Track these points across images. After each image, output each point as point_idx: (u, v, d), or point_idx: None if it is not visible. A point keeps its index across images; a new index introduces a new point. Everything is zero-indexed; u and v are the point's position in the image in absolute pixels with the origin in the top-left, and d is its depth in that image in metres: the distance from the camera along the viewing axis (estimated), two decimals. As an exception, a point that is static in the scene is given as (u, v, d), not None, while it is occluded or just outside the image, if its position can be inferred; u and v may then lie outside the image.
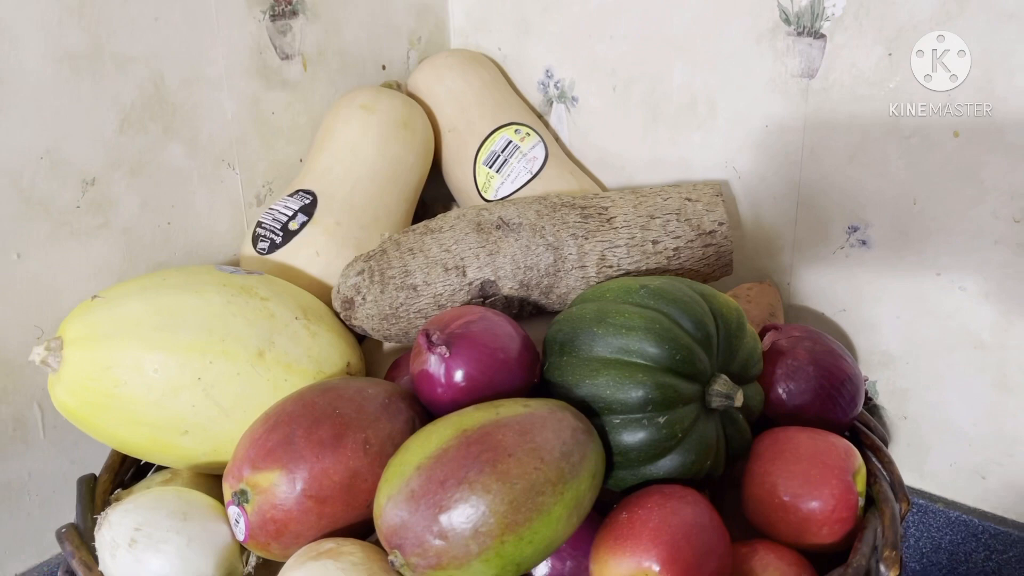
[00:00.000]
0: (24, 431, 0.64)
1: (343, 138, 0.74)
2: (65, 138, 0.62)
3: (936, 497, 0.71)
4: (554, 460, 0.48)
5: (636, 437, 0.52)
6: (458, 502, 0.46)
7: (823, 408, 0.60)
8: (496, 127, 0.79)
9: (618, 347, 0.54)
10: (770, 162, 0.72)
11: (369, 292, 0.63)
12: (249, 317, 0.58)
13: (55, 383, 0.57)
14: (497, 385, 0.54)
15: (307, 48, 0.77)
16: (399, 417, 0.54)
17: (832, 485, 0.53)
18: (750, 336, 0.58)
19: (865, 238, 0.69)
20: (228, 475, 0.52)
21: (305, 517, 0.50)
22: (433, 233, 0.64)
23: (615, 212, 0.64)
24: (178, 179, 0.70)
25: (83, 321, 0.56)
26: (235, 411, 0.57)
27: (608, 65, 0.79)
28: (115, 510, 0.52)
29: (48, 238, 0.62)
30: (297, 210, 0.70)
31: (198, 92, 0.69)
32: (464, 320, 0.55)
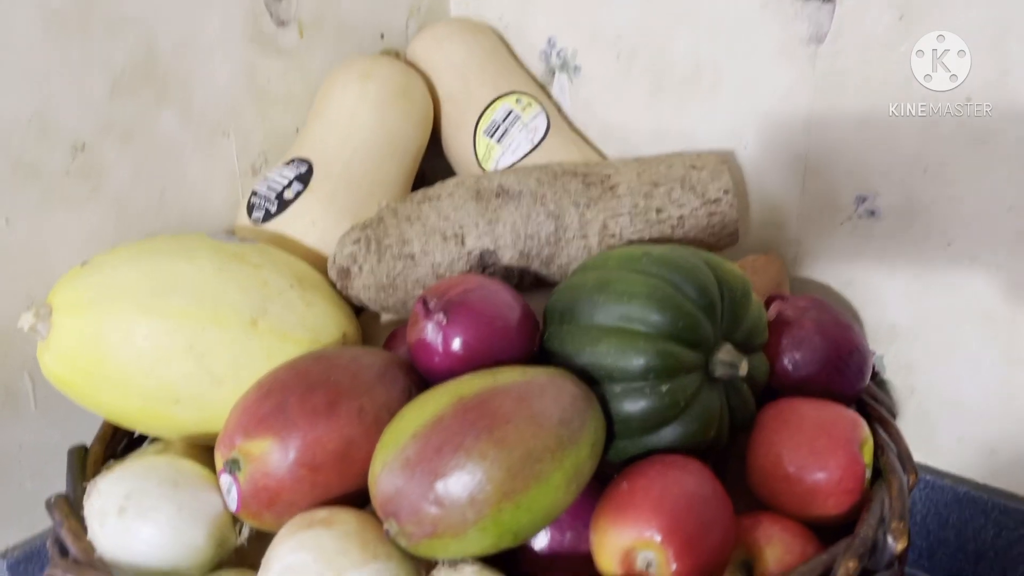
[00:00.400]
0: (15, 402, 0.63)
1: (340, 106, 0.72)
2: (54, 102, 0.60)
3: (944, 473, 0.69)
4: (553, 427, 0.46)
5: (637, 406, 0.51)
6: (454, 469, 0.44)
7: (830, 379, 0.58)
8: (497, 96, 0.77)
9: (620, 315, 0.52)
10: (777, 131, 0.71)
11: (366, 261, 0.61)
12: (242, 284, 0.57)
13: (44, 351, 0.56)
14: (495, 354, 0.53)
15: (303, 14, 0.75)
16: (395, 386, 0.53)
17: (838, 456, 0.52)
18: (755, 305, 0.56)
19: (874, 208, 0.68)
20: (220, 443, 0.51)
21: (298, 486, 0.49)
22: (431, 201, 0.62)
23: (618, 180, 0.63)
24: (171, 147, 0.68)
25: (72, 287, 0.55)
26: (228, 380, 0.56)
27: (611, 33, 0.78)
28: (104, 478, 0.51)
29: (38, 204, 0.61)
30: (293, 179, 0.68)
31: (191, 57, 0.68)
32: (462, 288, 0.54)
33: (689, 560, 0.46)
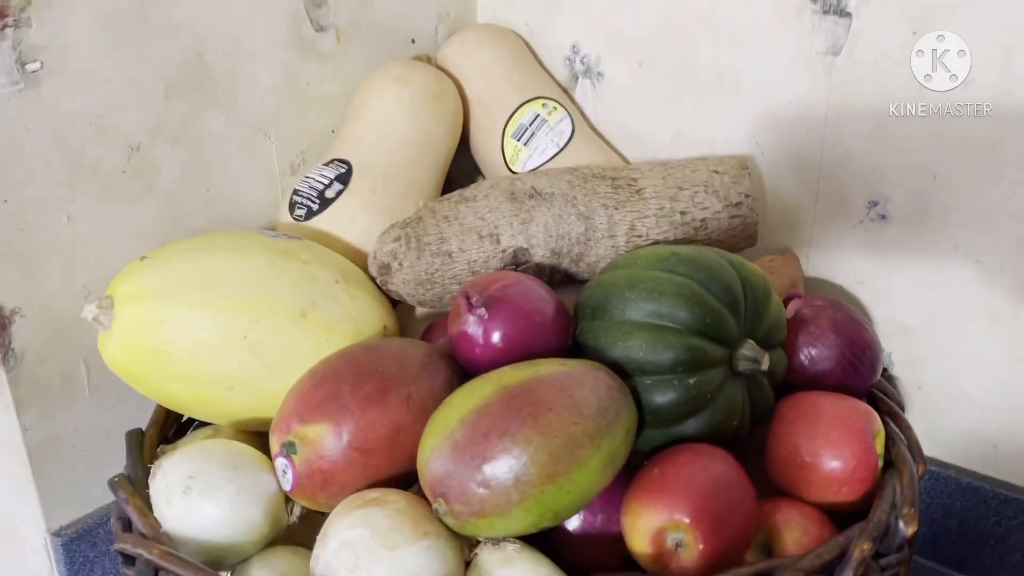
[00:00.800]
0: (71, 388, 0.66)
1: (377, 109, 0.75)
2: (112, 104, 0.64)
3: (948, 464, 0.73)
4: (592, 415, 0.50)
5: (667, 397, 0.55)
6: (501, 453, 0.48)
7: (844, 375, 0.62)
8: (524, 101, 0.80)
9: (650, 311, 0.56)
10: (793, 138, 0.74)
11: (406, 258, 0.65)
12: (292, 279, 0.61)
13: (106, 340, 0.59)
14: (533, 346, 0.56)
15: (341, 20, 0.78)
16: (439, 375, 0.56)
17: (853, 446, 0.56)
18: (775, 304, 0.60)
19: (884, 212, 0.71)
20: (276, 428, 0.55)
21: (351, 468, 0.53)
22: (468, 202, 0.66)
23: (644, 184, 0.66)
24: (217, 147, 0.71)
25: (133, 280, 0.59)
26: (278, 368, 0.59)
27: (634, 41, 0.81)
28: (169, 460, 0.54)
29: (96, 201, 0.64)
30: (333, 178, 0.72)
31: (238, 62, 0.71)
32: (502, 284, 0.57)
33: (715, 541, 0.50)
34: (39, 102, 0.60)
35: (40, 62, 0.59)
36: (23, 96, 0.59)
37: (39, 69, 0.59)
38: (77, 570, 0.68)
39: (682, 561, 0.50)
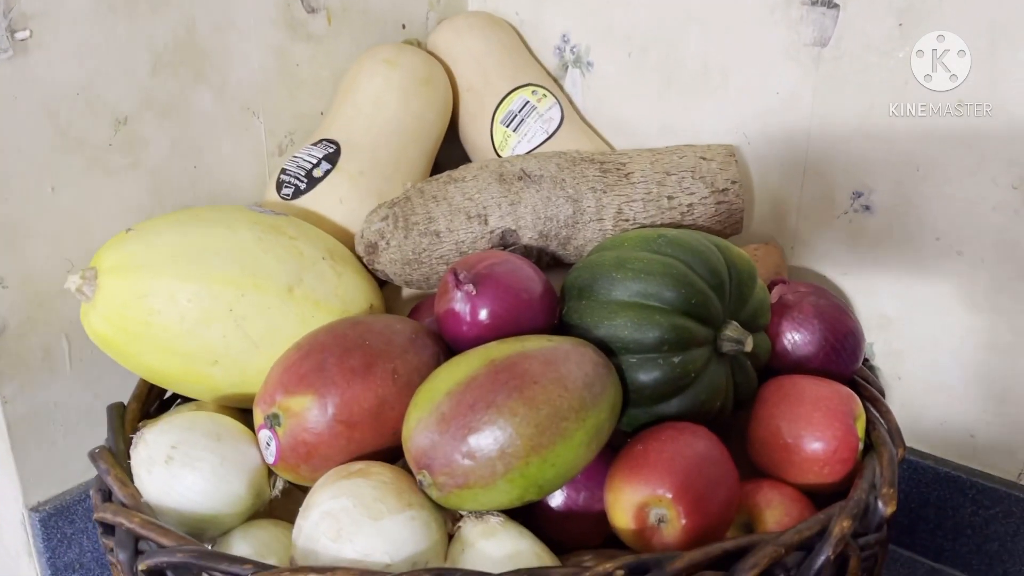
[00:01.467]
0: (52, 362, 0.65)
1: (366, 90, 0.75)
2: (100, 76, 0.63)
3: (926, 454, 0.74)
4: (577, 389, 0.50)
5: (651, 375, 0.55)
6: (486, 424, 0.48)
7: (826, 360, 0.63)
8: (514, 87, 0.81)
9: (636, 291, 0.56)
10: (779, 129, 0.75)
11: (393, 237, 0.65)
12: (279, 254, 0.60)
13: (89, 311, 0.58)
14: (520, 324, 0.56)
15: (332, 3, 0.78)
16: (425, 351, 0.56)
17: (835, 427, 0.56)
18: (760, 288, 0.60)
19: (868, 203, 0.72)
20: (260, 400, 0.55)
21: (335, 441, 0.53)
22: (456, 182, 0.66)
23: (633, 168, 0.67)
24: (205, 124, 0.71)
25: (118, 251, 0.58)
26: (264, 343, 0.59)
27: (624, 31, 0.82)
28: (151, 429, 0.54)
29: (81, 173, 0.64)
30: (321, 158, 0.71)
31: (228, 39, 0.71)
32: (489, 262, 0.58)
33: (697, 517, 0.50)
34: (27, 71, 0.59)
35: (30, 30, 0.59)
36: (11, 64, 0.58)
37: (28, 38, 0.59)
38: (55, 546, 0.67)
39: (664, 537, 0.51)
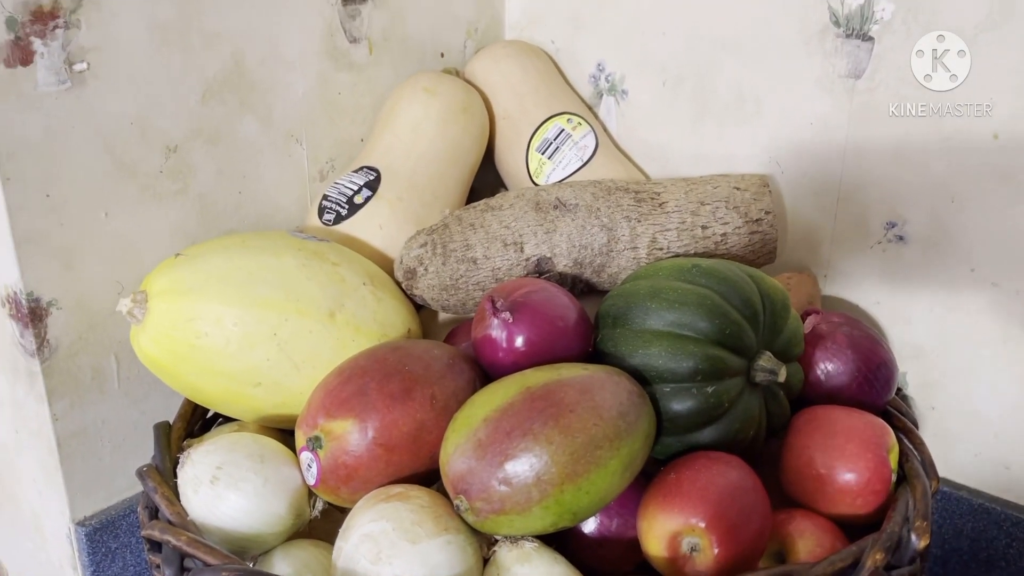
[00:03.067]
0: (101, 380, 0.68)
1: (406, 118, 0.77)
2: (153, 106, 0.66)
3: (960, 485, 0.74)
4: (612, 418, 0.51)
5: (685, 405, 0.56)
6: (523, 451, 0.49)
7: (859, 390, 0.63)
8: (549, 115, 0.82)
9: (671, 320, 0.57)
10: (813, 159, 0.76)
11: (431, 263, 0.66)
12: (321, 280, 0.62)
13: (139, 333, 0.61)
14: (555, 351, 0.57)
15: (373, 33, 0.81)
16: (462, 376, 0.58)
17: (867, 459, 0.57)
18: (793, 318, 0.61)
19: (902, 234, 0.72)
20: (302, 423, 0.56)
21: (374, 464, 0.54)
22: (493, 211, 0.67)
23: (667, 197, 0.68)
24: (251, 151, 0.73)
25: (168, 276, 0.60)
26: (305, 366, 0.61)
27: (658, 61, 0.83)
28: (197, 450, 0.56)
29: (133, 199, 0.66)
30: (362, 185, 0.73)
31: (274, 70, 0.73)
32: (526, 290, 0.59)
33: (730, 546, 0.51)
34: (84, 101, 0.62)
35: (87, 63, 0.61)
36: (69, 95, 0.61)
37: (86, 69, 0.61)
38: (99, 560, 0.69)
39: (696, 565, 0.51)
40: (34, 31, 0.58)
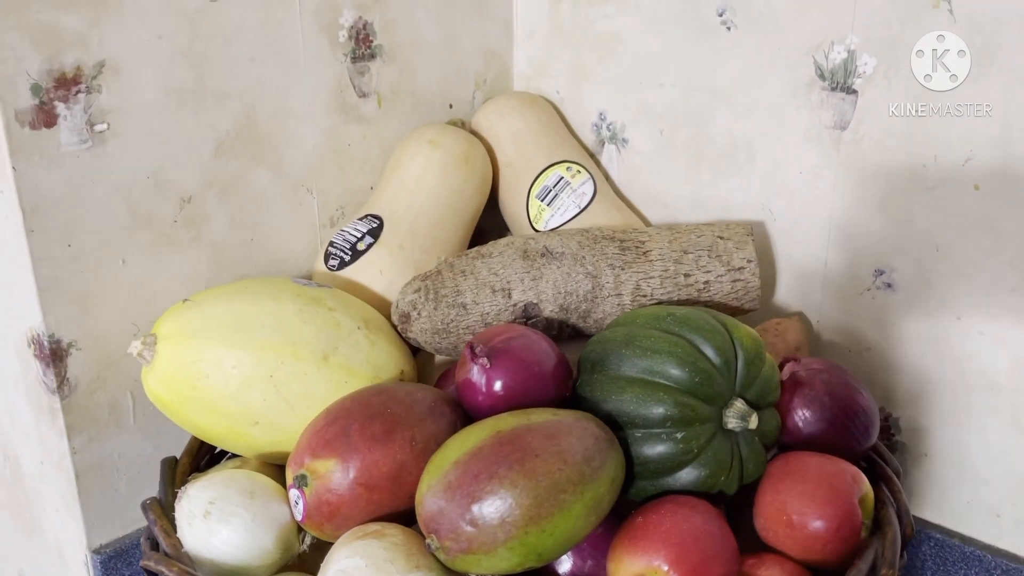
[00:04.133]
0: (117, 416, 0.72)
1: (410, 169, 0.81)
2: (169, 161, 0.71)
3: (952, 532, 0.74)
4: (576, 463, 0.53)
5: (655, 450, 0.58)
6: (488, 494, 0.52)
7: (837, 437, 0.64)
8: (550, 164, 0.85)
9: (643, 367, 0.59)
10: (803, 207, 0.77)
11: (424, 308, 0.70)
12: (318, 324, 0.66)
13: (148, 374, 0.65)
14: (531, 396, 0.60)
15: (382, 87, 0.85)
16: (443, 419, 0.60)
17: (837, 506, 0.58)
18: (769, 365, 0.62)
19: (891, 281, 0.73)
20: (291, 461, 0.60)
21: (355, 502, 0.57)
22: (484, 258, 0.71)
23: (651, 246, 0.70)
24: (262, 200, 0.78)
25: (175, 321, 0.65)
26: (300, 407, 0.64)
27: (656, 111, 0.86)
28: (193, 485, 0.59)
29: (149, 248, 0.71)
30: (365, 232, 0.77)
31: (285, 124, 0.78)
32: (506, 336, 0.62)
33: (693, 589, 0.52)
34: (104, 159, 0.67)
35: (107, 123, 0.67)
36: (90, 153, 0.66)
37: (106, 129, 0.67)
38: (113, 586, 0.74)
39: (660, 607, 0.53)
40: (58, 96, 0.63)
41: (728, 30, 0.78)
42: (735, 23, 0.78)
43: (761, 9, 0.76)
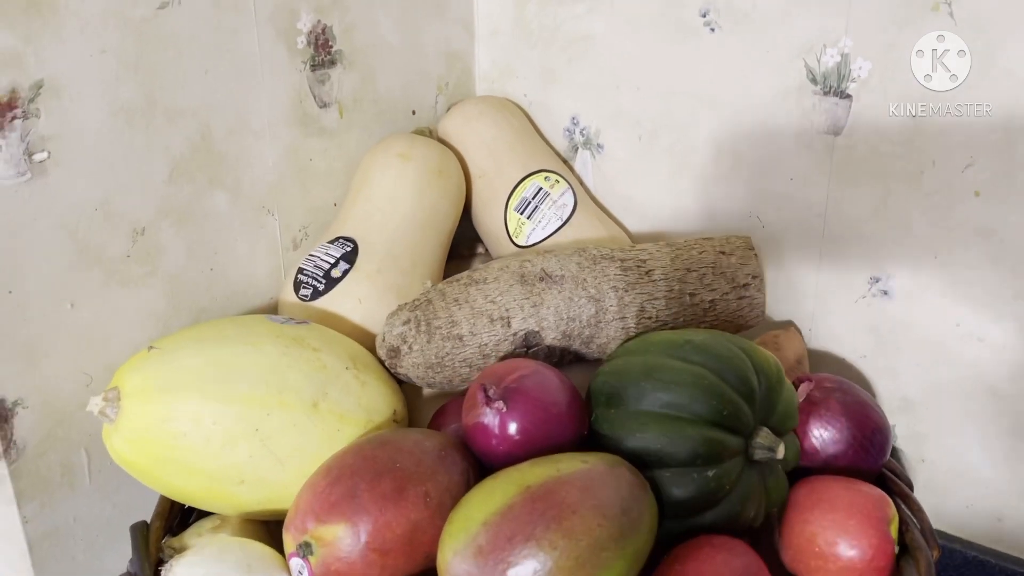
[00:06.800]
0: (71, 477, 0.65)
1: (381, 186, 0.75)
2: (118, 189, 0.63)
3: (954, 537, 0.73)
4: (616, 516, 0.50)
5: (686, 490, 0.54)
6: (526, 558, 0.47)
7: (855, 457, 0.62)
8: (526, 174, 0.81)
9: (666, 402, 0.56)
10: (794, 214, 0.75)
11: (416, 341, 0.64)
12: (303, 369, 0.60)
13: (112, 433, 0.58)
14: (551, 438, 0.56)
15: (343, 96, 0.79)
16: (455, 469, 0.56)
17: (870, 535, 0.56)
18: (788, 389, 0.60)
19: (887, 288, 0.72)
20: (290, 526, 0.54)
21: (369, 569, 0.52)
22: (478, 284, 0.66)
23: (653, 265, 0.67)
24: (221, 226, 0.71)
25: (141, 373, 0.58)
26: (290, 461, 0.58)
27: (633, 115, 0.82)
28: (180, 563, 0.53)
29: (100, 287, 0.63)
30: (339, 257, 0.71)
31: (242, 141, 0.71)
32: (519, 374, 0.57)
33: (739, 638, 0.50)
34: (45, 192, 0.59)
35: (47, 151, 0.58)
36: (29, 187, 0.58)
37: (46, 159, 0.58)
38: (75, 664, 0.66)
39: (707, 661, 0.50)
40: (-10, 124, 0.55)
41: (712, 31, 0.75)
42: (719, 24, 0.75)
43: (747, 10, 0.73)
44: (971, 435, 0.71)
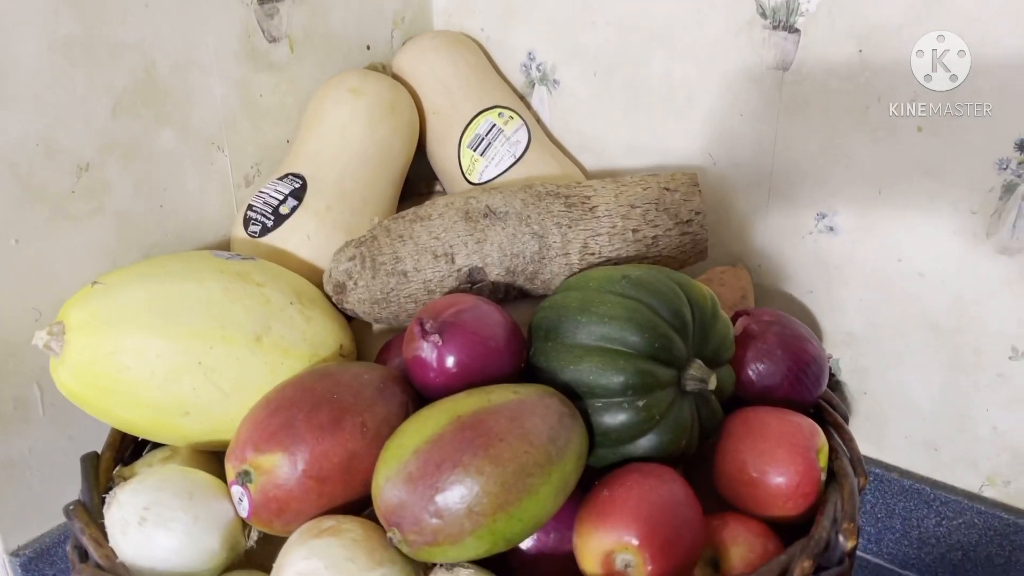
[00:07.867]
0: (24, 410, 0.66)
1: (332, 121, 0.75)
2: (60, 125, 0.63)
3: (891, 467, 0.76)
4: (542, 444, 0.51)
5: (617, 419, 0.56)
6: (454, 484, 0.49)
7: (791, 388, 0.64)
8: (480, 110, 0.80)
9: (600, 335, 0.57)
10: (744, 150, 0.75)
11: (361, 277, 0.65)
12: (246, 303, 0.61)
13: (58, 366, 0.59)
14: (487, 371, 0.57)
15: (294, 30, 0.78)
16: (393, 401, 0.57)
17: (797, 463, 0.58)
18: (723, 322, 0.61)
19: (832, 224, 0.73)
20: (231, 456, 0.55)
21: (306, 496, 0.53)
22: (423, 221, 0.66)
23: (597, 202, 0.67)
24: (170, 163, 0.71)
25: (85, 307, 0.58)
26: (234, 393, 0.59)
27: (590, 51, 0.81)
28: (123, 490, 0.54)
29: (45, 223, 0.64)
30: (288, 194, 0.71)
31: (189, 77, 0.70)
32: (456, 309, 0.58)
33: (663, 561, 0.52)
34: (-16, 127, 0.59)
35: (-17, 86, 0.58)
36: (-34, 122, 0.58)
37: (-18, 94, 0.58)
38: (36, 589, 0.68)
39: (631, 582, 0.52)
40: (-79, 57, 0.55)
41: (665, -35, 0.74)
42: (672, -43, 0.74)
43: (699, -58, 0.72)
44: (911, 369, 0.73)
